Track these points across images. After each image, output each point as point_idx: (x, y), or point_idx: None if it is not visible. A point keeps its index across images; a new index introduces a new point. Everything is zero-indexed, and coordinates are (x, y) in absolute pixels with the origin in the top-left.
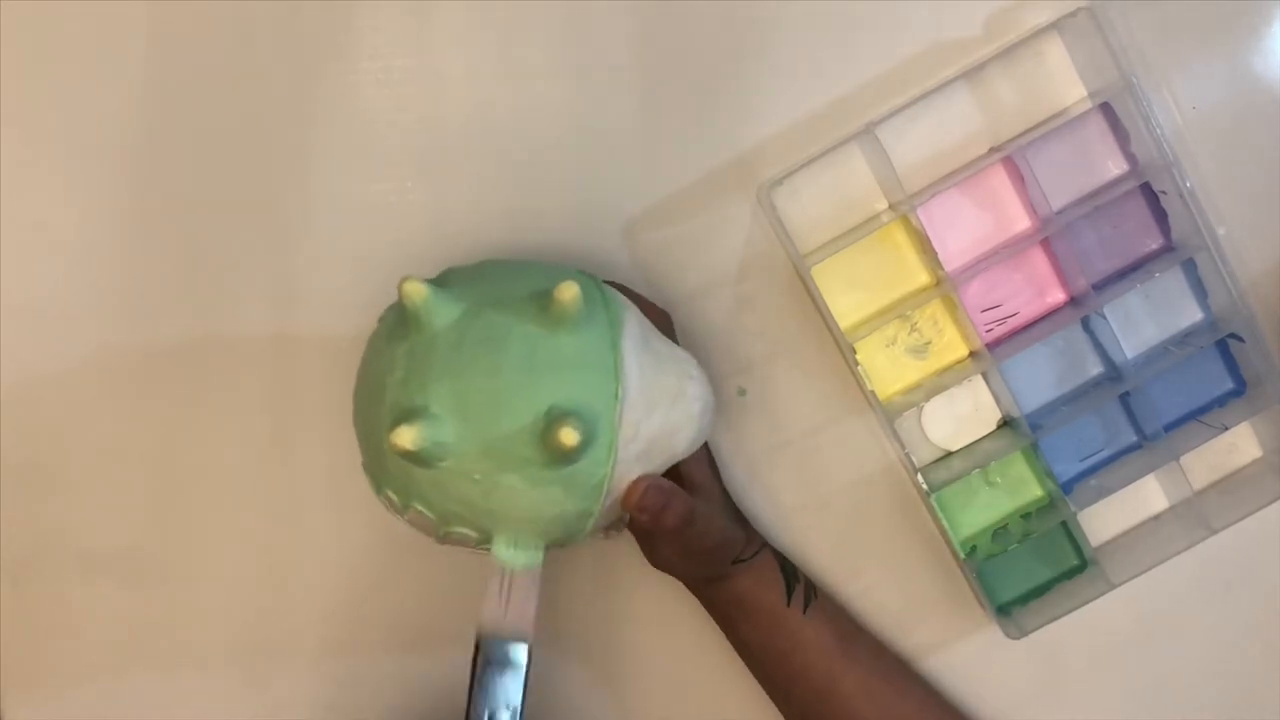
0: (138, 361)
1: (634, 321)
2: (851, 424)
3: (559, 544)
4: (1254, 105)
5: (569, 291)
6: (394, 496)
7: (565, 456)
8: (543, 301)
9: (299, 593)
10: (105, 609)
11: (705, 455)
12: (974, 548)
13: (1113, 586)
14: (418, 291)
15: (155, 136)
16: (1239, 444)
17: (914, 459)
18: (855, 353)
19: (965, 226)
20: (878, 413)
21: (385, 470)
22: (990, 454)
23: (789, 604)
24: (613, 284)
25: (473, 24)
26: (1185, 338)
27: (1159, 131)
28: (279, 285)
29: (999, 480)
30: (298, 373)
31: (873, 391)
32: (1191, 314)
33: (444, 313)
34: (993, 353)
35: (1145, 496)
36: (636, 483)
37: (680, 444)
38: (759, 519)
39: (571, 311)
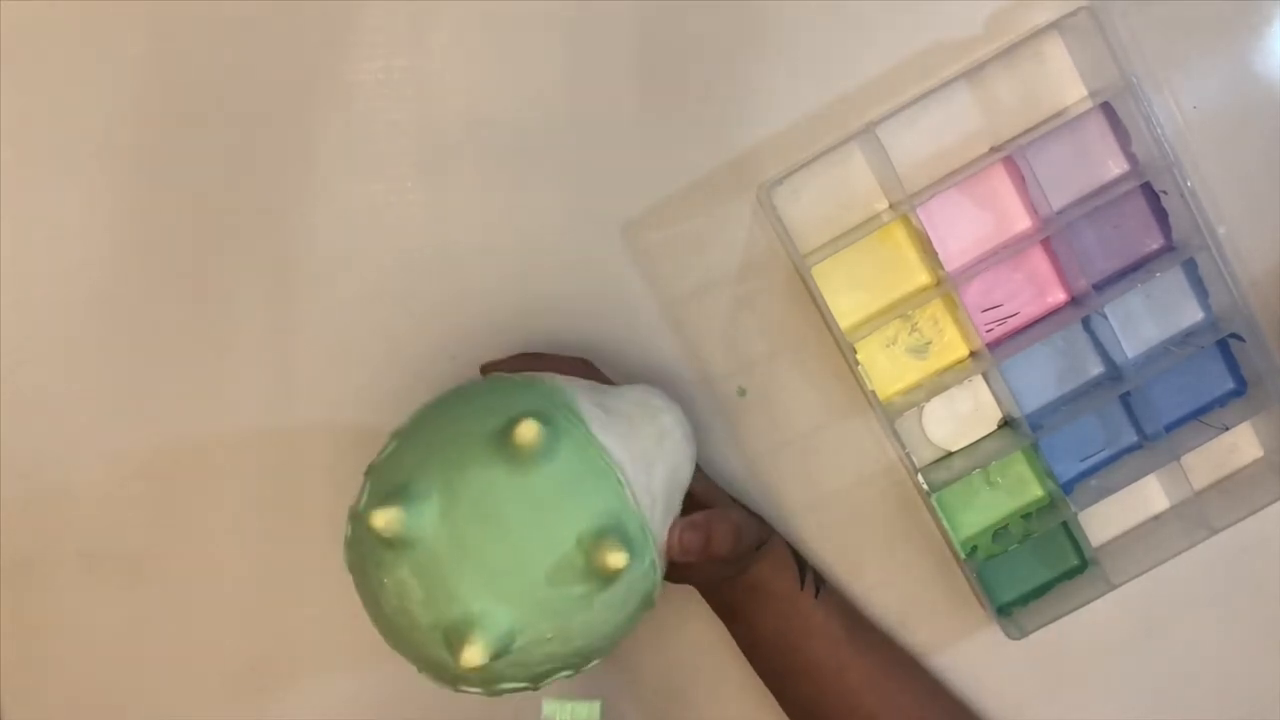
0: (137, 361)
1: (586, 401)
2: (851, 424)
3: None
4: (1254, 105)
5: (529, 432)
6: (476, 691)
7: (617, 575)
8: (504, 444)
9: (299, 593)
10: (105, 609)
11: (700, 473)
12: (974, 548)
13: (1113, 587)
14: (394, 519)
15: (155, 137)
16: (1239, 444)
17: (914, 459)
18: (855, 353)
19: (965, 226)
20: (878, 413)
21: (460, 680)
22: (990, 454)
23: (802, 587)
24: (521, 357)
25: (473, 24)
26: (1186, 338)
27: (1159, 131)
28: (278, 285)
29: (999, 480)
30: (298, 372)
31: (873, 391)
32: (1192, 314)
33: (424, 520)
34: (993, 353)
35: (1145, 496)
36: (670, 534)
37: (684, 475)
38: None
39: (539, 447)
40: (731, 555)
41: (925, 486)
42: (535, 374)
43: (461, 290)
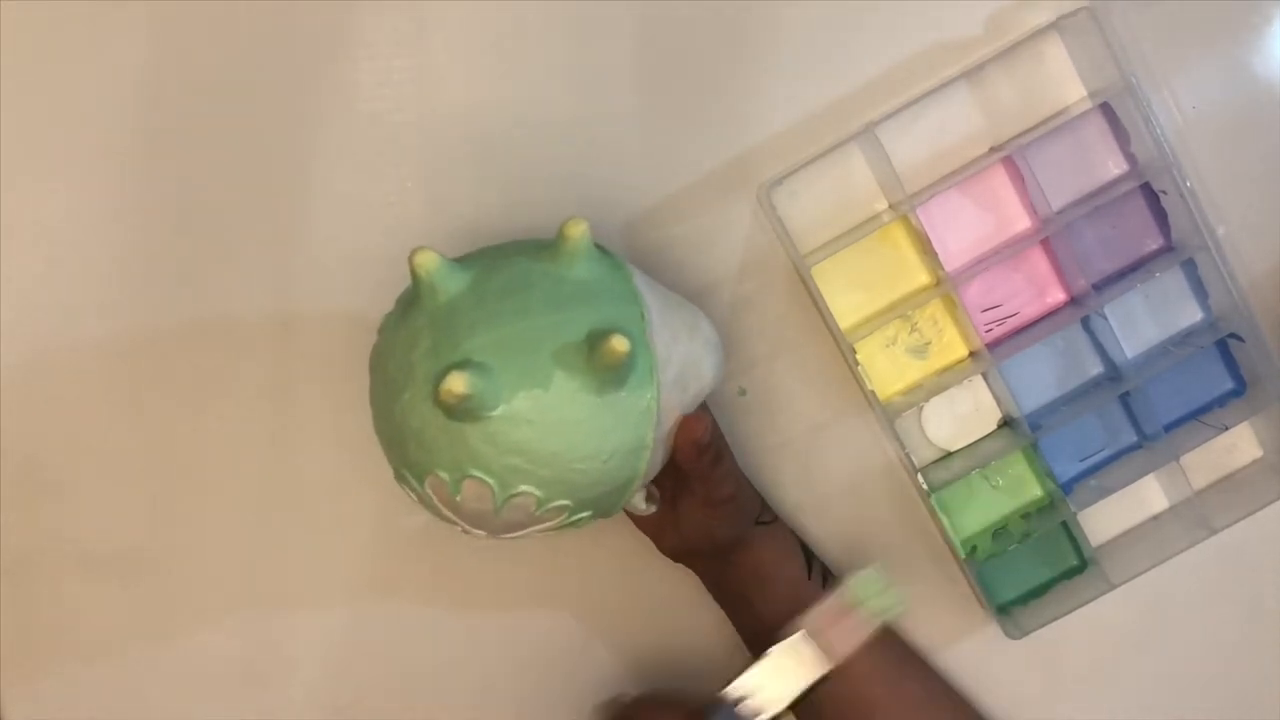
0: (138, 361)
1: (636, 270)
2: (851, 424)
3: (615, 501)
4: (1254, 105)
5: (577, 227)
6: (444, 475)
7: (618, 368)
8: (551, 247)
9: (299, 593)
10: (105, 609)
11: (711, 419)
12: (974, 548)
13: (1113, 586)
14: (430, 259)
15: (155, 137)
16: (1239, 444)
17: (914, 459)
18: (855, 353)
19: (965, 226)
20: (878, 413)
21: (430, 448)
22: (990, 454)
23: (810, 576)
24: None
25: (473, 24)
26: (1185, 338)
27: (1159, 131)
28: (279, 285)
29: (999, 480)
30: (298, 373)
31: (873, 391)
32: (1191, 314)
33: (458, 278)
34: (993, 353)
35: (1145, 496)
36: (688, 417)
37: (707, 374)
38: None
39: (583, 245)
40: (711, 472)
41: (925, 486)
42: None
43: None
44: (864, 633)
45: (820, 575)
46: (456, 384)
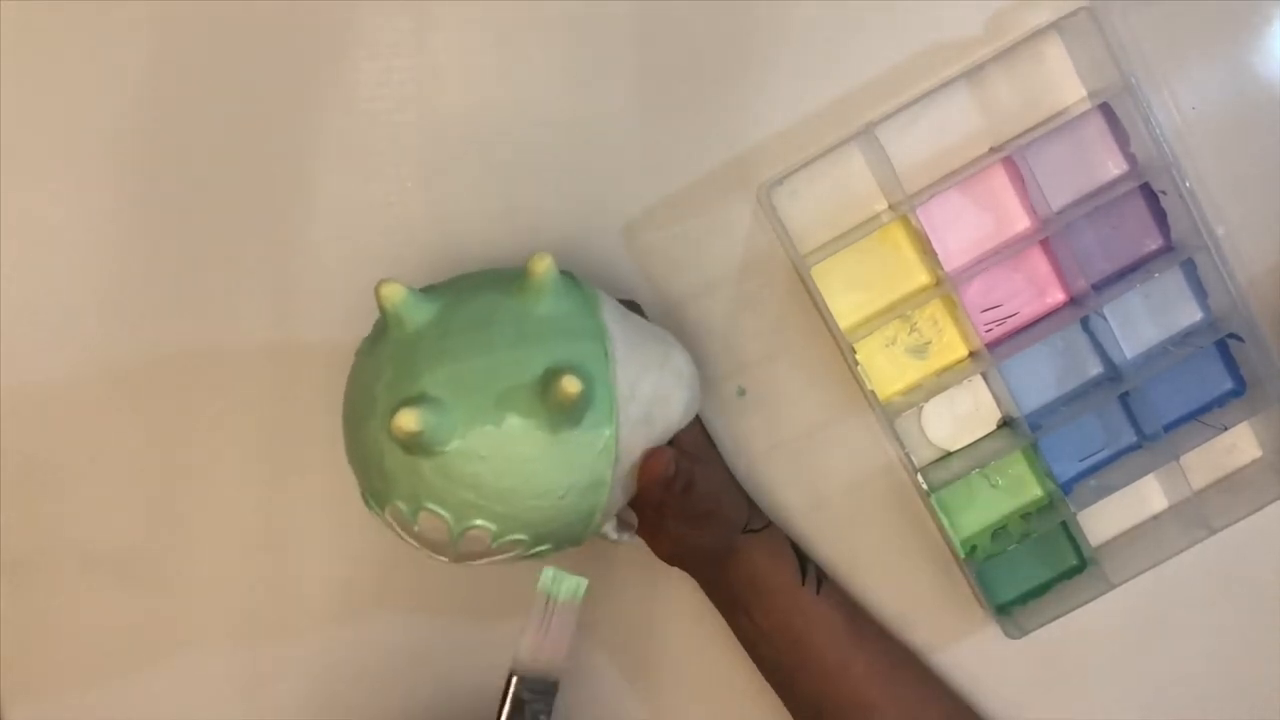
0: (137, 361)
1: (608, 299)
2: (851, 424)
3: (577, 534)
4: (1254, 105)
5: (542, 262)
6: (402, 505)
7: (570, 408)
8: (519, 280)
9: (298, 594)
10: (105, 609)
11: (700, 428)
12: (974, 548)
13: (1113, 586)
14: (395, 291)
15: (155, 137)
16: (1239, 444)
17: (914, 459)
18: (855, 353)
19: (965, 226)
20: (878, 413)
21: (389, 479)
22: (990, 454)
23: (803, 582)
24: None
25: (473, 24)
26: (1185, 338)
27: (1158, 132)
28: (279, 285)
29: (999, 480)
30: (297, 373)
31: (873, 391)
32: (1191, 314)
33: (424, 309)
34: (992, 353)
35: (1145, 496)
36: (650, 452)
37: (676, 409)
38: None
39: (549, 280)
40: (684, 500)
41: (925, 486)
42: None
43: None
44: (571, 622)
45: (815, 579)
46: (408, 420)
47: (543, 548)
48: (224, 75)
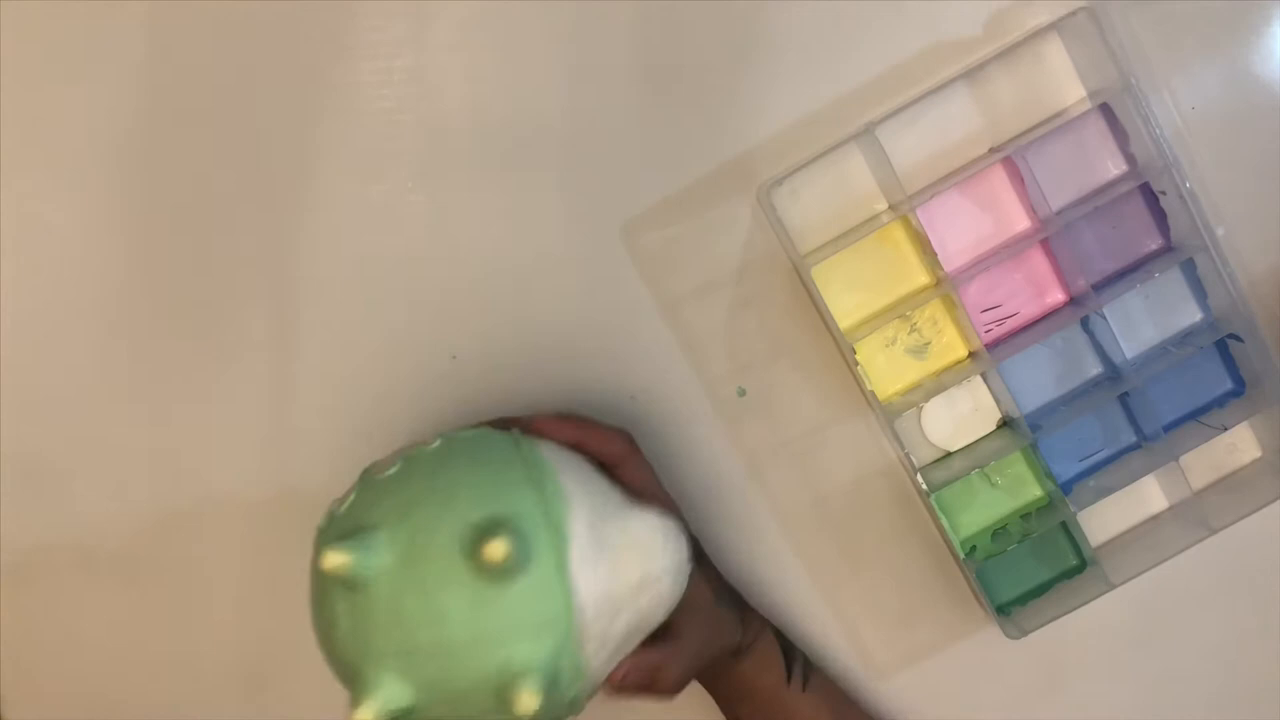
0: (138, 361)
1: (581, 522)
2: (851, 424)
3: None
4: (1254, 105)
5: (498, 551)
6: None
7: (534, 715)
8: (475, 544)
9: (298, 594)
10: (105, 609)
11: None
12: (974, 548)
13: (1113, 586)
14: (340, 563)
15: (155, 137)
16: (1238, 444)
17: (913, 459)
18: (855, 353)
19: (965, 226)
20: (878, 413)
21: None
22: (990, 454)
23: (789, 682)
24: (565, 422)
25: (473, 24)
26: (1185, 338)
27: (1158, 132)
28: (278, 285)
29: (999, 480)
30: (297, 372)
31: (872, 391)
32: (1191, 314)
33: (373, 568)
34: (992, 353)
35: (1145, 496)
36: (615, 674)
37: (656, 619)
38: (759, 519)
39: (504, 565)
40: (677, 691)
41: (925, 486)
42: (550, 468)
43: (462, 290)
44: None
45: (801, 676)
46: (365, 714)
47: None
48: (224, 76)
